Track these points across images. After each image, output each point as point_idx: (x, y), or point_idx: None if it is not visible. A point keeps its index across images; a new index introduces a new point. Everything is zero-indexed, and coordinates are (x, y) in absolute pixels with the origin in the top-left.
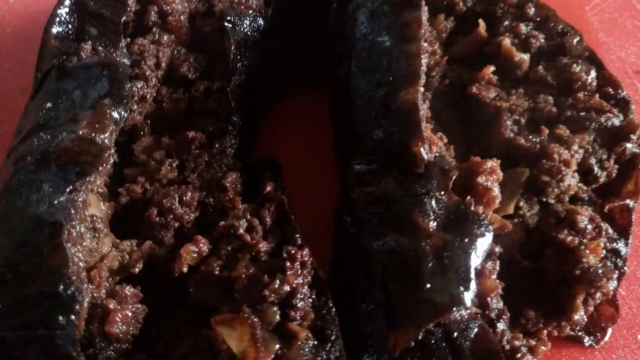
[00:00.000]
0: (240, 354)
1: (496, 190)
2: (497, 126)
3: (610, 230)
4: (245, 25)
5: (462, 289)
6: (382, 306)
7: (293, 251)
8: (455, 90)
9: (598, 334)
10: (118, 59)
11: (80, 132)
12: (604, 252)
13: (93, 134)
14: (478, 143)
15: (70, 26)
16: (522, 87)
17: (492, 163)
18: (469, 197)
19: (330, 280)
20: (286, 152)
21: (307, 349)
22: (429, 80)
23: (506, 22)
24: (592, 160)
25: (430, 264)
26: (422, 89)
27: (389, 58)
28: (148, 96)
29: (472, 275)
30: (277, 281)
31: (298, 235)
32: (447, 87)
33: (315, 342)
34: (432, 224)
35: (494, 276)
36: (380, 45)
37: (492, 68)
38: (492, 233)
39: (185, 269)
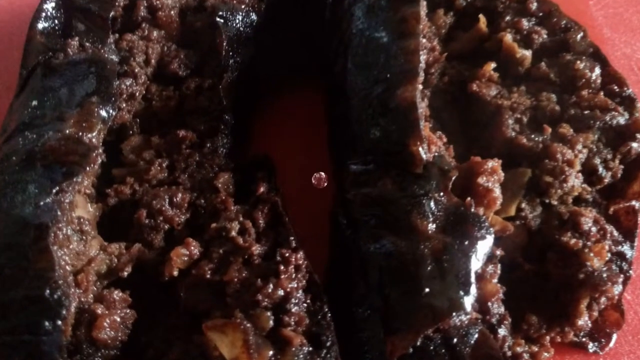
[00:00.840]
0: None
1: (497, 191)
2: (498, 125)
3: (616, 233)
4: (237, 21)
5: (462, 293)
6: (380, 311)
7: (287, 254)
8: (454, 88)
9: (603, 340)
10: (106, 55)
11: (67, 131)
12: (609, 255)
13: (80, 133)
14: (478, 142)
15: (56, 22)
16: (524, 85)
17: (493, 163)
18: (469, 199)
19: (325, 284)
20: (280, 151)
21: (301, 356)
22: (427, 78)
23: (507, 17)
24: (597, 160)
25: (429, 268)
26: (420, 87)
27: (386, 54)
28: (137, 94)
29: (473, 279)
30: (271, 285)
31: (292, 238)
32: (447, 85)
33: (310, 348)
34: (431, 226)
35: (495, 280)
36: (377, 41)
37: (493, 65)
38: (493, 235)
39: (175, 273)
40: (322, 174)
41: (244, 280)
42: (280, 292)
